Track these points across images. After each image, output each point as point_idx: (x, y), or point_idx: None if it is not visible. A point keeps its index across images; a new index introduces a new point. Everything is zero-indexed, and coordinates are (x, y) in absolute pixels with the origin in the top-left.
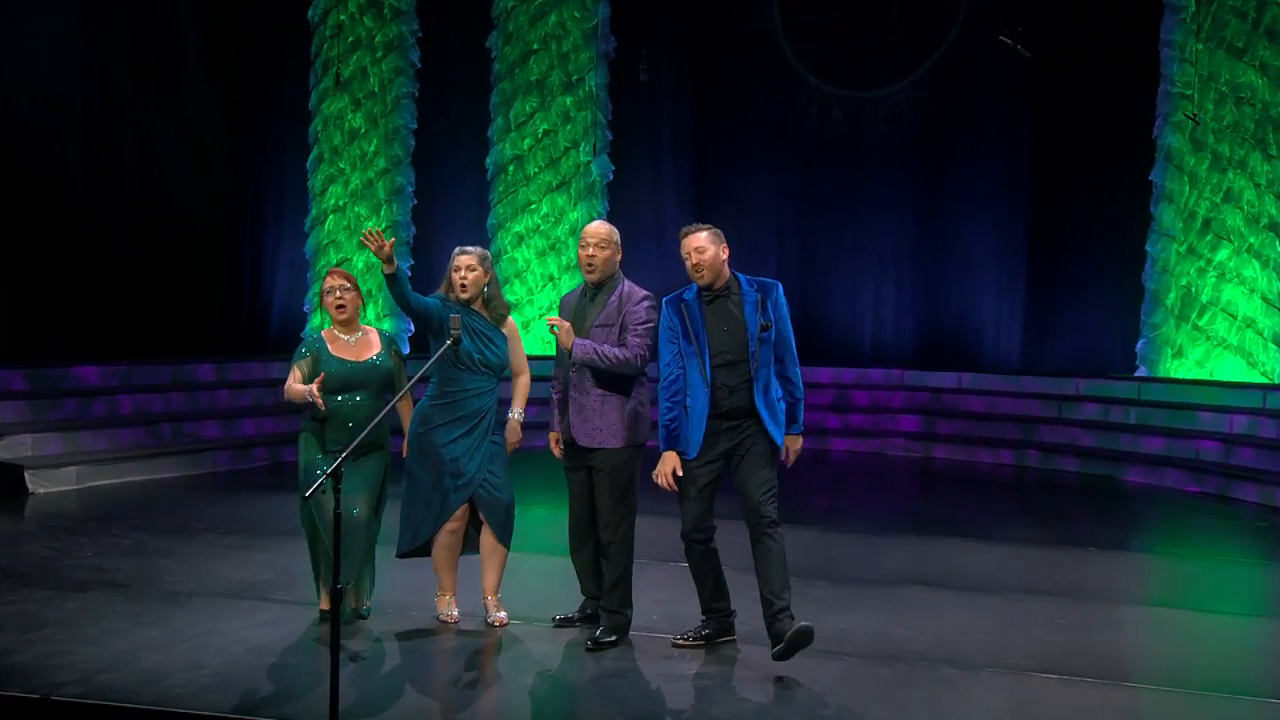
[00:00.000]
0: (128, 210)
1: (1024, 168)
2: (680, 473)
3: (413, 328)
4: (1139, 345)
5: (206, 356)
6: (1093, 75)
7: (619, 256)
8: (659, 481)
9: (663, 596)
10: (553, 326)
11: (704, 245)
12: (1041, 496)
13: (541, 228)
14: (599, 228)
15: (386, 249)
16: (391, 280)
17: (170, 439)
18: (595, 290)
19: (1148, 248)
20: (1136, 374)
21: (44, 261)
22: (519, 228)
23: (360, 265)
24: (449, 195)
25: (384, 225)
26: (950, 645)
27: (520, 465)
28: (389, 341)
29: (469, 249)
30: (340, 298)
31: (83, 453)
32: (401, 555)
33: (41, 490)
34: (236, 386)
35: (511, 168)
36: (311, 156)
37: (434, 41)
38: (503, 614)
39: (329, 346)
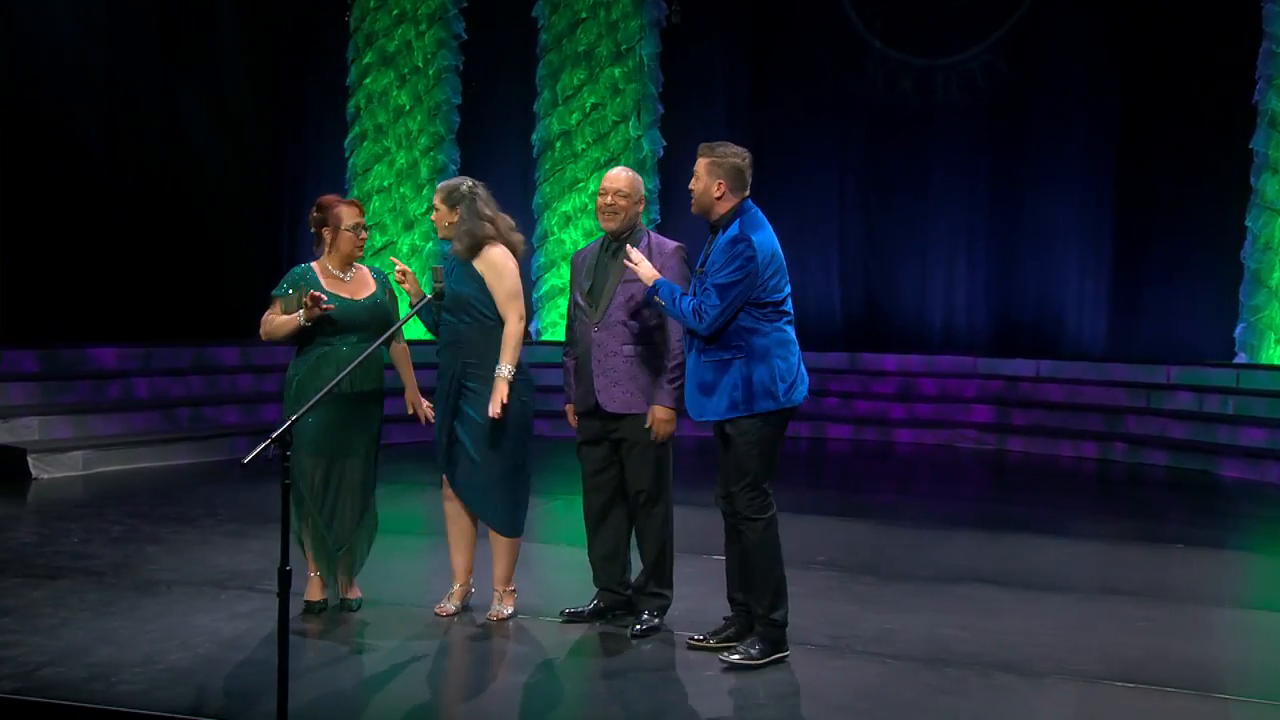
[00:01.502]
0: (153, 186)
1: (1109, 138)
2: None
3: None
4: (1238, 330)
5: (231, 340)
6: (1186, 35)
7: (641, 208)
8: None
9: (687, 591)
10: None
11: (698, 173)
12: (1126, 491)
13: (589, 207)
14: (620, 174)
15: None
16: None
17: (187, 424)
18: (617, 244)
19: (1248, 223)
20: (1235, 361)
21: (63, 238)
22: (566, 207)
23: (405, 249)
24: (494, 173)
25: (427, 206)
26: (1010, 648)
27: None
28: (383, 279)
29: (438, 186)
30: (364, 235)
31: (92, 437)
32: None
33: (45, 475)
34: (261, 371)
35: (559, 144)
36: (352, 135)
37: (479, 12)
38: (501, 609)
39: (322, 281)
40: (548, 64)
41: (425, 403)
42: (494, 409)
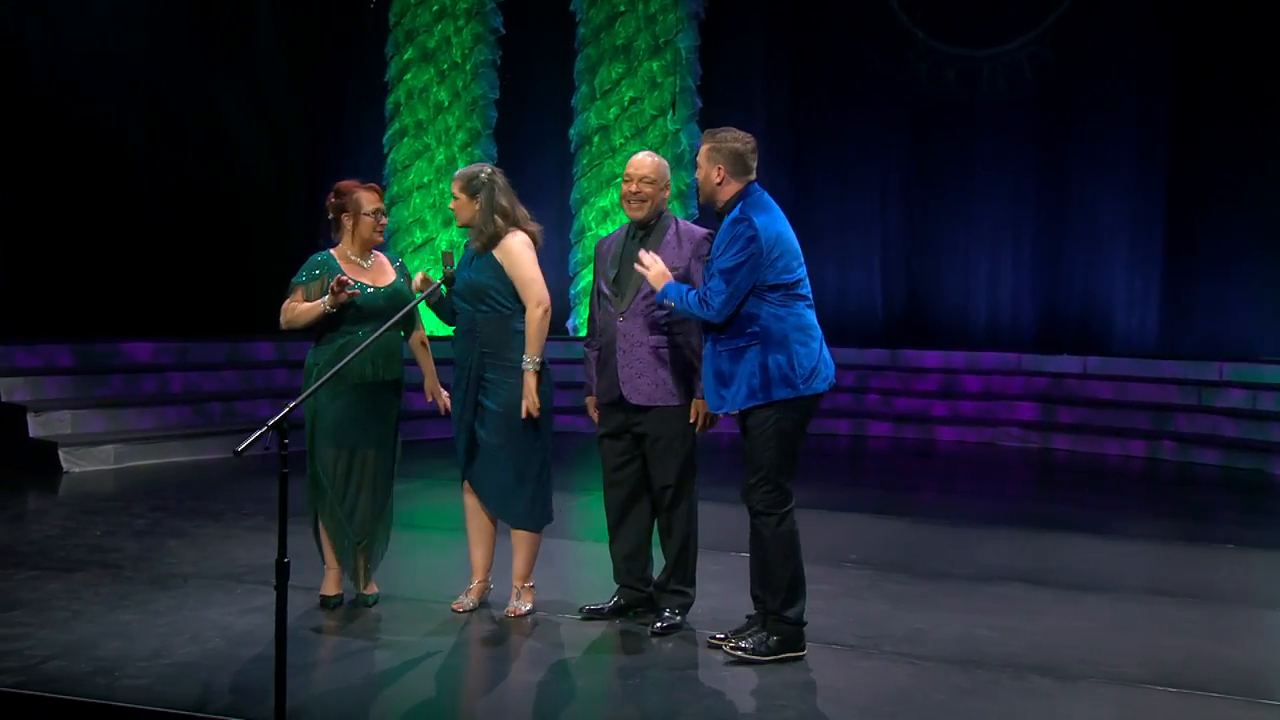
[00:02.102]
0: (191, 182)
1: (1160, 128)
2: None
3: None
4: None
5: (266, 335)
6: (1240, 20)
7: (666, 195)
8: None
9: (711, 589)
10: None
11: (699, 161)
12: (1175, 491)
13: None
14: (644, 160)
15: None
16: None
17: (220, 419)
18: (644, 232)
19: None
20: None
21: (101, 233)
22: (604, 203)
23: (444, 245)
24: (531, 169)
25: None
26: (1045, 650)
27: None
28: (402, 266)
29: (456, 174)
30: (384, 221)
31: (124, 431)
32: None
33: (76, 469)
34: (296, 366)
35: (596, 138)
36: (391, 131)
37: (517, 6)
38: (519, 605)
39: (343, 268)
40: (586, 58)
41: (445, 393)
42: (527, 407)
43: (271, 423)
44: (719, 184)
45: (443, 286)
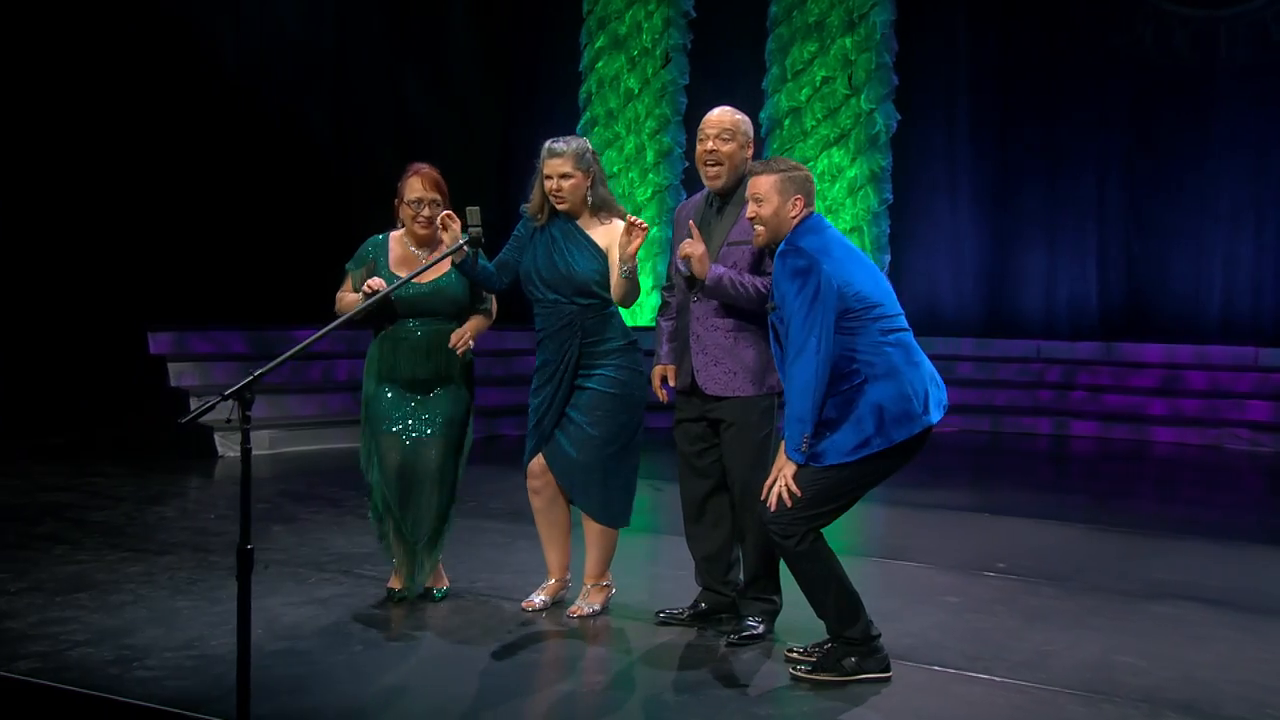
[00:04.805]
0: (378, 174)
1: None
2: None
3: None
4: None
5: None
6: None
7: (749, 155)
8: None
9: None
10: (682, 257)
11: (763, 195)
12: None
13: (817, 187)
14: (723, 114)
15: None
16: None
17: None
18: (722, 199)
19: None
20: None
21: (287, 221)
22: None
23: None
24: None
25: (650, 191)
26: (1198, 684)
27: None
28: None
29: (559, 146)
30: (431, 213)
31: (284, 418)
32: None
33: (230, 454)
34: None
35: (787, 121)
36: (584, 120)
37: None
38: (584, 605)
39: (390, 258)
40: (777, 38)
41: (470, 337)
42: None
43: (228, 392)
44: (794, 217)
45: (468, 249)
